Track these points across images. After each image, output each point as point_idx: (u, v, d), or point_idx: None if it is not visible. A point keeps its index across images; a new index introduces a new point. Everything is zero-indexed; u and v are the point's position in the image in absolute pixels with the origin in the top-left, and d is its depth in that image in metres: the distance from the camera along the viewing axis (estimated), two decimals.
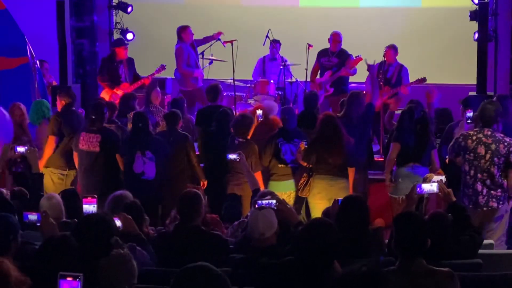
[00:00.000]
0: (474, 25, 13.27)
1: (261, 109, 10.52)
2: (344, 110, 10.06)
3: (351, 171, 9.29)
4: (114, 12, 15.62)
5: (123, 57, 13.03)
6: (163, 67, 12.93)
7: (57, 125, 10.30)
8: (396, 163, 9.50)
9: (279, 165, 9.73)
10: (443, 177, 6.85)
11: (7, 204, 6.63)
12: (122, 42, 13.68)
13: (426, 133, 9.45)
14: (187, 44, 13.20)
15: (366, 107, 10.09)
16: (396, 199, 9.42)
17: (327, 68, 12.92)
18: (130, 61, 13.10)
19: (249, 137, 9.78)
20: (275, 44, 13.59)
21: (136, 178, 9.55)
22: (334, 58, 12.94)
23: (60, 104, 10.63)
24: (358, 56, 12.62)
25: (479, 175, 8.33)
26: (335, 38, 12.99)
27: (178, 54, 13.23)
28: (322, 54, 13.02)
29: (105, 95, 12.83)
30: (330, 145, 9.14)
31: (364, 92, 12.85)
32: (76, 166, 10.05)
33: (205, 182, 9.80)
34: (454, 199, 6.68)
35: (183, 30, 13.19)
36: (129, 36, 14.95)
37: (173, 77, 14.32)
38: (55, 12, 12.65)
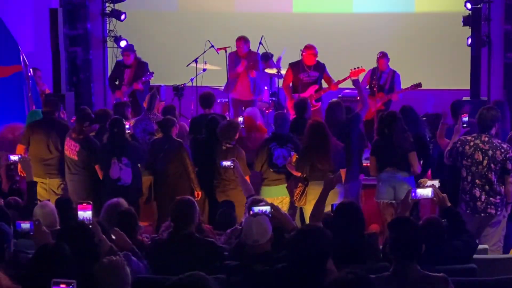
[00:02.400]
0: (467, 30, 13.31)
1: (249, 122, 10.51)
2: (325, 119, 10.07)
3: (342, 173, 9.29)
4: (107, 20, 15.62)
5: (126, 62, 13.30)
6: (151, 74, 13.08)
7: (27, 134, 10.22)
8: (377, 169, 9.50)
9: (271, 170, 9.73)
10: (436, 182, 6.84)
11: (2, 213, 6.62)
12: (124, 48, 13.99)
13: (398, 137, 9.38)
14: (236, 54, 13.03)
15: (353, 116, 10.11)
16: (379, 203, 9.45)
17: (308, 83, 12.42)
18: (140, 66, 13.26)
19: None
20: (266, 57, 13.50)
21: (112, 184, 9.57)
22: (314, 72, 12.41)
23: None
24: (360, 67, 12.29)
25: (477, 181, 8.31)
26: (312, 51, 12.35)
27: None
28: (298, 69, 12.39)
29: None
30: (319, 151, 9.12)
31: (358, 98, 12.88)
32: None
33: (200, 193, 9.79)
34: (449, 204, 6.67)
35: (236, 41, 13.09)
36: (123, 43, 14.96)
37: (167, 84, 14.35)
38: (48, 20, 12.65)
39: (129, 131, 10.15)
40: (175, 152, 9.87)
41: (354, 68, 11.86)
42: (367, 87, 12.71)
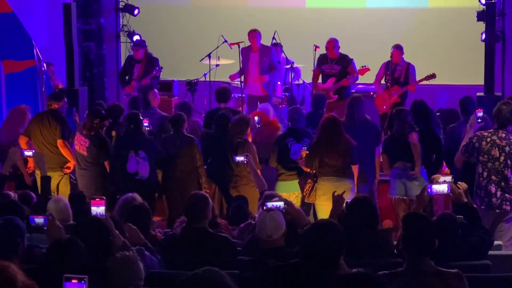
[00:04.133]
0: (481, 25, 13.25)
1: (257, 115, 10.50)
2: (346, 113, 10.10)
3: (355, 169, 9.28)
4: (121, 15, 15.66)
5: (137, 57, 13.28)
6: (160, 69, 13.10)
7: (29, 127, 10.28)
8: (389, 166, 9.50)
9: (288, 165, 9.72)
10: (449, 178, 6.79)
11: (17, 207, 6.64)
12: (135, 43, 14.09)
13: (399, 128, 9.39)
14: (250, 48, 13.06)
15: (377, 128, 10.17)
16: (392, 199, 9.44)
17: (330, 75, 12.65)
18: (150, 61, 13.22)
19: (249, 138, 9.87)
20: (277, 47, 13.54)
21: (130, 178, 9.61)
22: (336, 65, 12.63)
23: None
24: (365, 66, 12.55)
25: (493, 177, 8.28)
26: (331, 45, 12.61)
27: None
28: (322, 61, 12.71)
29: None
30: (330, 147, 9.10)
31: (372, 93, 12.86)
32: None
33: (207, 191, 9.77)
34: (465, 199, 6.62)
35: (248, 33, 13.09)
36: (136, 38, 14.98)
37: (180, 79, 14.35)
38: (61, 14, 12.67)
39: (148, 128, 10.15)
40: (186, 147, 9.87)
41: (360, 67, 12.60)
42: (382, 80, 12.70)
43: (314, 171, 9.23)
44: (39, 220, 5.93)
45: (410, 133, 9.29)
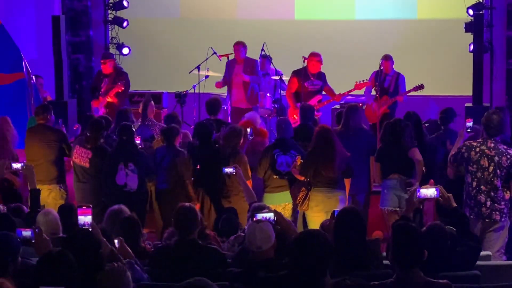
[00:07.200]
0: (470, 36, 13.32)
1: (249, 127, 10.48)
2: (342, 122, 10.12)
3: (347, 182, 9.30)
4: (110, 27, 15.65)
5: (105, 71, 12.99)
6: (122, 84, 12.67)
7: (25, 141, 10.29)
8: (382, 176, 9.49)
9: (274, 177, 9.71)
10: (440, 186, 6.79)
11: (8, 221, 6.60)
12: (103, 55, 13.73)
13: (402, 143, 9.41)
14: (235, 60, 13.05)
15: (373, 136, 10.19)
16: (383, 210, 9.44)
17: (312, 92, 12.50)
18: (119, 76, 12.94)
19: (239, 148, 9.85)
20: (265, 59, 13.54)
21: (118, 190, 9.58)
22: (318, 81, 12.53)
23: None
24: (365, 80, 12.47)
25: (482, 187, 8.30)
26: (318, 58, 12.46)
27: None
28: (302, 76, 12.44)
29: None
30: (324, 157, 9.12)
31: (361, 104, 12.87)
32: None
33: (198, 204, 9.69)
34: (454, 204, 6.62)
35: (233, 45, 13.07)
36: (125, 50, 14.97)
37: (169, 91, 14.35)
38: (50, 27, 12.66)
39: (140, 146, 10.10)
40: (175, 160, 9.85)
41: (359, 81, 12.34)
42: (372, 91, 12.69)
43: (308, 180, 9.24)
44: (26, 233, 5.90)
45: (413, 149, 9.30)
